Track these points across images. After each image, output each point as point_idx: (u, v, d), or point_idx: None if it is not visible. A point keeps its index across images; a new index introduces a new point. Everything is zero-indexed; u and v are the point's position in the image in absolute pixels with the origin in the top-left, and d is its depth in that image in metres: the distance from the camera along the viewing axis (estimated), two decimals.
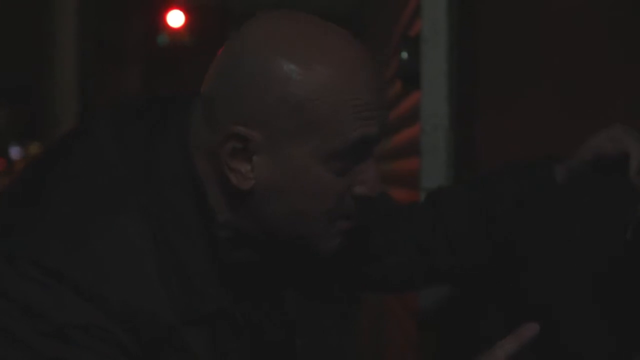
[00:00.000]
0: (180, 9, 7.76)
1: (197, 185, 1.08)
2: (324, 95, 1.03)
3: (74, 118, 5.85)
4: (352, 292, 1.41)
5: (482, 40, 1.75)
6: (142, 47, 8.45)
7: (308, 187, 1.06)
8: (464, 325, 1.68)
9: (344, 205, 1.09)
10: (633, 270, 1.20)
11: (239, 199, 1.08)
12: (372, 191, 1.10)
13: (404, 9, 2.32)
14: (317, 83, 1.03)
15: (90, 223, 1.04)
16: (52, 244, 1.03)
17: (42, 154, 1.16)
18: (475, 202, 1.36)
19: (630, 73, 1.67)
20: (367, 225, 1.32)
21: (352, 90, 1.04)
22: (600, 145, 1.29)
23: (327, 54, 1.05)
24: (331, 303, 1.29)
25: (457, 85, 1.78)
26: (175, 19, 7.81)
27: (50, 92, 6.21)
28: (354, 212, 1.11)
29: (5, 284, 1.01)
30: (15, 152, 10.98)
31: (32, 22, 7.05)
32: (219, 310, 1.08)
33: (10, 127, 10.69)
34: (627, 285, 1.23)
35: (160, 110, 1.11)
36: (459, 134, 1.79)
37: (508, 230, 1.36)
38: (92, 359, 1.00)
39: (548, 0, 1.70)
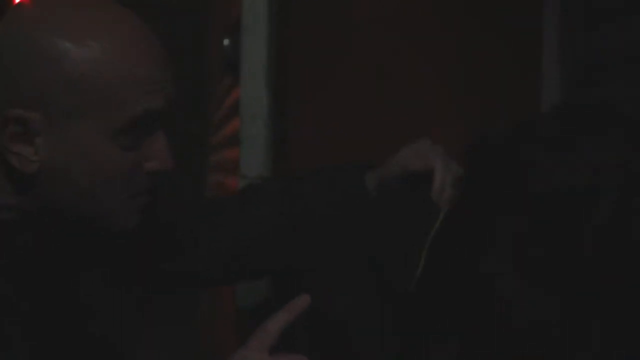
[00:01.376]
0: None
1: None
2: (100, 71, 1.02)
3: None
4: (161, 285, 1.39)
5: (300, 30, 1.77)
6: None
7: (95, 166, 1.04)
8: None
9: (136, 182, 1.08)
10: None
11: (25, 182, 1.05)
12: (164, 164, 1.09)
13: None
14: (92, 59, 1.01)
15: None
16: None
17: None
18: (285, 207, 1.36)
19: (438, 67, 1.74)
20: (168, 213, 1.31)
21: (130, 64, 1.03)
22: (407, 161, 1.30)
23: (102, 30, 1.03)
24: (136, 291, 1.27)
25: (276, 75, 1.79)
26: None
27: None
28: (148, 188, 1.09)
29: None
30: None
31: None
32: None
33: None
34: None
35: None
36: (277, 123, 1.81)
37: (312, 237, 1.36)
38: None
39: None
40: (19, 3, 1.06)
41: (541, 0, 1.63)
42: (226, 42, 1.82)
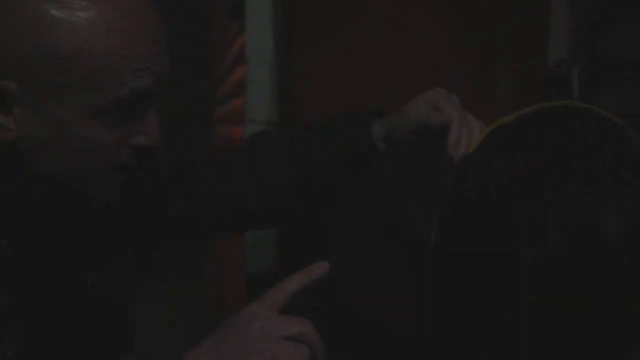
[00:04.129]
0: None
1: None
2: (87, 47, 0.97)
3: None
4: (161, 238, 1.39)
5: None
6: None
7: (76, 142, 1.01)
8: None
9: (119, 157, 1.05)
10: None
11: (2, 150, 1.02)
12: (152, 141, 1.05)
13: None
14: (79, 34, 0.97)
15: None
16: None
17: None
18: (291, 157, 1.35)
19: (446, 18, 1.73)
20: (158, 174, 1.29)
21: (121, 40, 0.98)
22: (424, 114, 1.25)
23: (90, 1, 0.98)
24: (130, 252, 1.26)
25: (282, 17, 1.78)
26: None
27: None
28: (132, 163, 1.06)
29: None
30: None
31: None
32: None
33: None
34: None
35: None
36: (284, 65, 1.81)
37: (320, 187, 1.34)
38: None
39: None
40: None
41: None
42: None
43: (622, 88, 1.53)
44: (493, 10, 1.73)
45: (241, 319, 1.00)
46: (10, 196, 1.06)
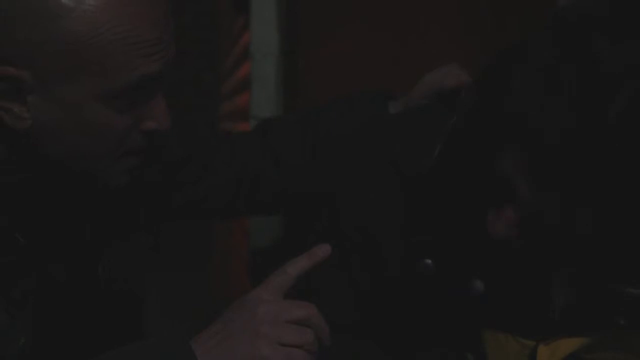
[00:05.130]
0: None
1: None
2: (95, 32, 0.98)
3: None
4: (172, 219, 1.40)
5: None
6: None
7: (87, 127, 1.02)
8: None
9: (129, 142, 1.06)
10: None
11: (17, 138, 1.03)
12: (162, 125, 1.07)
13: None
14: (89, 21, 0.98)
15: None
16: None
17: None
18: (306, 131, 1.36)
19: (451, 9, 1.74)
20: (167, 158, 1.30)
21: (128, 26, 0.99)
22: (438, 81, 1.32)
23: None
24: (141, 233, 1.26)
25: (288, 13, 1.80)
26: None
27: None
28: (141, 147, 1.07)
29: None
30: None
31: None
32: None
33: None
34: None
35: None
36: (288, 61, 1.82)
37: (334, 162, 1.34)
38: None
39: None
40: None
41: None
42: None
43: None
44: (493, 10, 1.74)
45: (246, 304, 1.01)
46: (23, 185, 1.07)
